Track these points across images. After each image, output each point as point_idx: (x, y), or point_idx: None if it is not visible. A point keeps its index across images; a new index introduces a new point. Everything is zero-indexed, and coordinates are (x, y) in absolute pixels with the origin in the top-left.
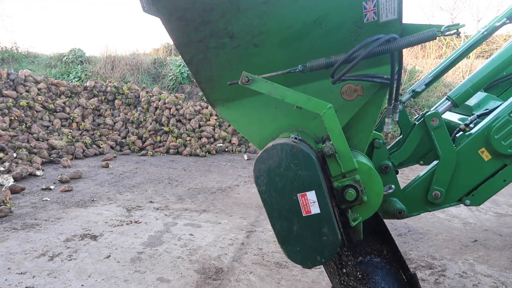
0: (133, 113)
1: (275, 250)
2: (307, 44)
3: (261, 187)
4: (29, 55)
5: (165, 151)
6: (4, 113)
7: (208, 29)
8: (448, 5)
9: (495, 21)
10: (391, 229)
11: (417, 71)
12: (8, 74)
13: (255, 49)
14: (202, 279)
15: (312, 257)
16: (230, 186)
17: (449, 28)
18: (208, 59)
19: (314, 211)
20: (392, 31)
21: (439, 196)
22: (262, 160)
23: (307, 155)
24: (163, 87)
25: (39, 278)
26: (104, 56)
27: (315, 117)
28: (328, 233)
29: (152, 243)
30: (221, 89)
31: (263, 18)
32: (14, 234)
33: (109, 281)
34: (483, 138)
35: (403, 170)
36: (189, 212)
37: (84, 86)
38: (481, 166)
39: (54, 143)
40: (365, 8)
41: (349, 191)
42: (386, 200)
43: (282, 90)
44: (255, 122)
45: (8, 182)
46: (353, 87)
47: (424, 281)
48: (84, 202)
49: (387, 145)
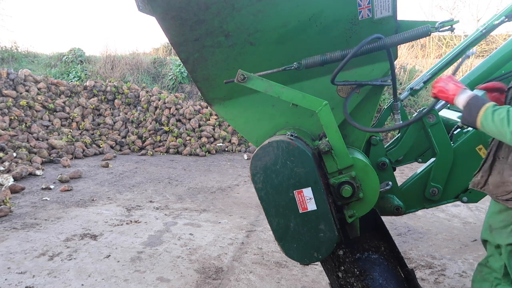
0: (133, 113)
1: (275, 249)
2: (302, 42)
3: (257, 184)
4: (29, 54)
5: (165, 151)
6: (4, 113)
7: (204, 27)
8: (448, 4)
9: (494, 19)
10: (390, 229)
11: (417, 70)
12: (8, 74)
13: (250, 47)
14: (202, 278)
15: (309, 254)
16: (230, 186)
17: (444, 24)
18: (204, 58)
19: (311, 208)
20: (387, 28)
21: (437, 193)
22: (259, 157)
23: (303, 152)
24: (163, 87)
25: (39, 277)
26: (104, 56)
27: (312, 115)
28: (325, 229)
29: (152, 243)
30: (218, 87)
31: (258, 16)
32: (14, 233)
33: (109, 281)
34: (481, 135)
35: (402, 169)
36: (189, 211)
37: (84, 85)
38: (478, 163)
39: (54, 142)
40: (360, 5)
41: (346, 187)
42: (384, 197)
43: (278, 88)
44: (252, 120)
45: (8, 181)
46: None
47: (424, 281)
48: (84, 201)
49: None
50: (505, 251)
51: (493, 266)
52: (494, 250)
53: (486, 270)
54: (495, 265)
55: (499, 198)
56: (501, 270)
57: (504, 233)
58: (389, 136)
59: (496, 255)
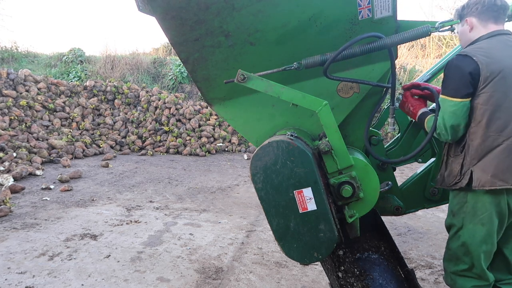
0: (133, 113)
1: (275, 249)
2: (302, 42)
3: (257, 184)
4: (29, 54)
5: (165, 151)
6: (4, 113)
7: (204, 27)
8: (448, 4)
9: None
10: (390, 229)
11: (417, 70)
12: (8, 74)
13: (250, 47)
14: (202, 278)
15: (309, 254)
16: (230, 186)
17: (444, 24)
18: (204, 58)
19: (311, 208)
20: (387, 28)
21: (437, 193)
22: (259, 157)
23: (303, 152)
24: (163, 87)
25: (39, 277)
26: (104, 56)
27: (312, 115)
28: (324, 229)
29: (152, 243)
30: (218, 87)
31: (258, 16)
32: (14, 233)
33: (109, 281)
34: None
35: (402, 169)
36: (189, 211)
37: (84, 85)
38: None
39: (54, 142)
40: (360, 5)
41: (346, 187)
42: (384, 196)
43: (278, 88)
44: (252, 120)
45: (8, 181)
46: (349, 85)
47: (424, 281)
48: (84, 201)
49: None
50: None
51: (452, 247)
52: (453, 234)
53: (448, 252)
54: (453, 245)
55: (450, 186)
56: (459, 248)
57: (461, 212)
58: (389, 136)
59: (454, 237)
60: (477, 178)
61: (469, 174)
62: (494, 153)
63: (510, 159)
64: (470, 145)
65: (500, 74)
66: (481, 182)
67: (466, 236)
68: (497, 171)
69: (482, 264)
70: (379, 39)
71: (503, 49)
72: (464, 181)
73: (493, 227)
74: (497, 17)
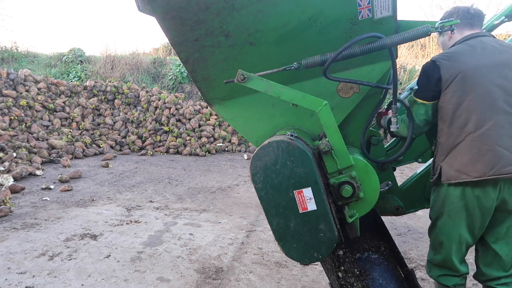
0: (133, 113)
1: (275, 249)
2: (302, 42)
3: (257, 184)
4: (29, 54)
5: (165, 151)
6: (4, 113)
7: (204, 28)
8: (448, 4)
9: (493, 19)
10: (390, 229)
11: (417, 70)
12: (8, 74)
13: (250, 47)
14: (202, 278)
15: (309, 254)
16: (230, 186)
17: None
18: (204, 58)
19: (311, 208)
20: (387, 28)
21: None
22: (259, 157)
23: (303, 152)
24: (163, 87)
25: (39, 277)
26: (104, 56)
27: (312, 115)
28: (324, 229)
29: (152, 243)
30: (218, 87)
31: (258, 16)
32: (14, 233)
33: (109, 281)
34: None
35: (402, 169)
36: (189, 211)
37: (84, 85)
38: None
39: (54, 142)
40: (360, 5)
41: (346, 187)
42: (384, 196)
43: (278, 88)
44: (252, 120)
45: (8, 181)
46: (349, 85)
47: (424, 281)
48: (84, 201)
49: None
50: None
51: (430, 238)
52: (430, 226)
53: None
54: (430, 237)
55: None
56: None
57: (435, 205)
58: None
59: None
60: (444, 172)
61: (439, 170)
62: (458, 149)
63: (471, 154)
64: (439, 142)
65: (459, 75)
66: (447, 177)
67: (437, 228)
68: (460, 165)
69: (452, 256)
70: (379, 39)
71: (468, 51)
72: (435, 176)
73: (460, 220)
74: (472, 24)
